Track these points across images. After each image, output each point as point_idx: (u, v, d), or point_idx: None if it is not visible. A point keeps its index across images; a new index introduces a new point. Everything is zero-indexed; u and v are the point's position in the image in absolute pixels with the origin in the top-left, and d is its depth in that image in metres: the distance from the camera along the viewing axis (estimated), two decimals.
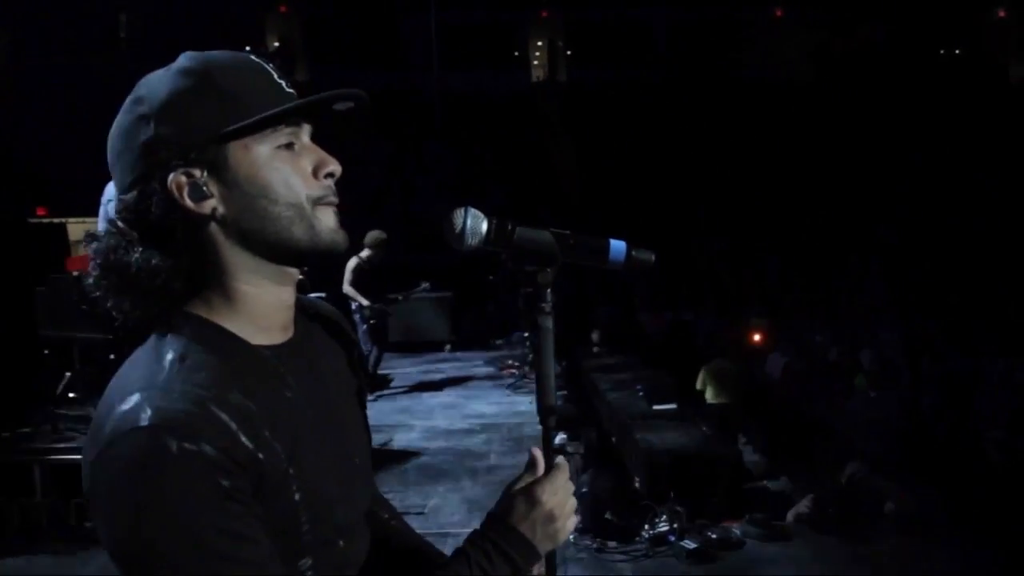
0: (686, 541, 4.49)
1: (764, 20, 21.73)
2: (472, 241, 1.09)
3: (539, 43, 22.86)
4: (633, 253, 1.13)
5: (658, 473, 5.57)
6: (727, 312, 11.94)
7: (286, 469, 0.98)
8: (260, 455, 0.95)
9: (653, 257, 1.15)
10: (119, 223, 1.02)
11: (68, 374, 5.86)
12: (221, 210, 1.01)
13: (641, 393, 7.33)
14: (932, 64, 20.84)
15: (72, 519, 4.97)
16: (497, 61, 21.61)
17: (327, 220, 1.05)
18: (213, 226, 1.02)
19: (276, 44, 20.72)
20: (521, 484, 1.13)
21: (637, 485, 5.90)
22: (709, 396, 7.97)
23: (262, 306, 1.06)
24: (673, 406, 7.03)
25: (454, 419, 7.64)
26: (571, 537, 4.94)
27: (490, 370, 9.95)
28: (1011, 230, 12.42)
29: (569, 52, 22.82)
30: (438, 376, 9.64)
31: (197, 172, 1.00)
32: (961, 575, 4.29)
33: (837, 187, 15.63)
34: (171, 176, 0.99)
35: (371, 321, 7.92)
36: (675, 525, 4.58)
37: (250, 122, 1.00)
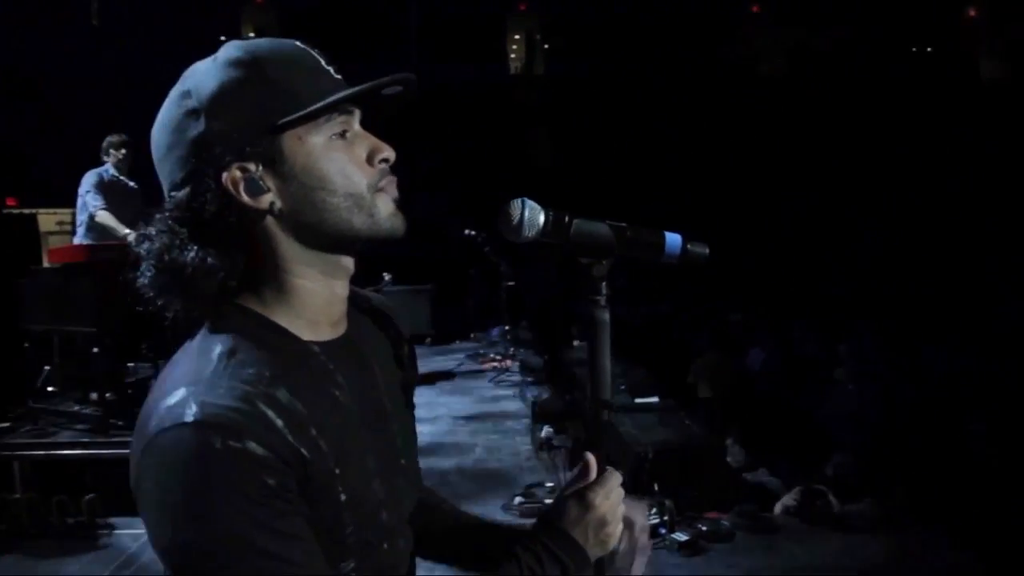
0: (677, 533, 4.51)
1: (741, 16, 21.85)
2: (529, 233, 1.07)
3: (516, 36, 22.82)
4: (689, 246, 1.13)
5: (640, 466, 5.60)
6: (704, 306, 12.03)
7: (332, 469, 0.96)
8: (306, 454, 0.93)
9: (707, 250, 1.14)
10: (170, 221, 0.99)
11: (47, 368, 5.77)
12: (278, 204, 1.00)
13: (623, 387, 7.35)
14: (906, 61, 21.08)
15: (54, 516, 4.89)
16: (476, 54, 21.55)
17: (386, 206, 1.04)
18: (269, 220, 1.00)
19: (251, 35, 20.50)
20: (574, 488, 1.12)
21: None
22: (702, 390, 7.97)
23: (315, 300, 1.04)
24: (655, 399, 7.06)
25: (438, 413, 7.62)
26: None
27: (472, 364, 9.94)
28: (983, 225, 12.62)
29: (547, 45, 22.81)
30: (420, 370, 9.59)
31: (252, 166, 0.98)
32: (946, 567, 4.35)
33: (813, 181, 15.79)
34: (226, 172, 0.97)
35: None
36: (666, 518, 4.60)
37: (305, 112, 0.97)
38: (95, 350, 5.20)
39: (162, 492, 0.88)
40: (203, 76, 0.99)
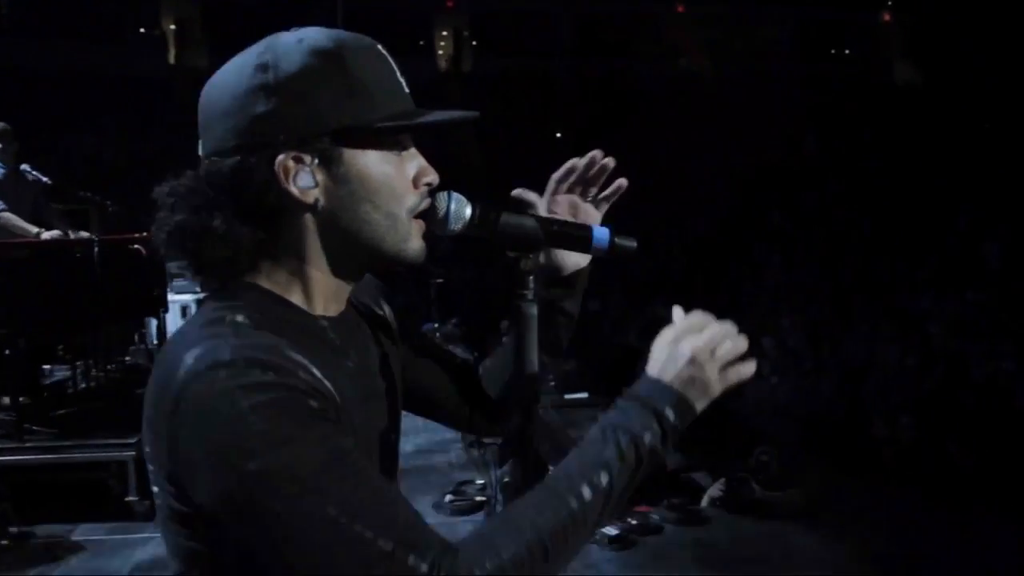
0: (607, 528, 4.55)
1: (666, 14, 22.20)
2: (455, 226, 1.06)
3: (444, 32, 22.73)
4: (616, 240, 1.12)
5: None
6: (634, 302, 12.17)
7: (353, 430, 0.97)
8: (336, 397, 0.94)
9: (635, 243, 1.14)
10: (204, 182, 0.97)
11: None
12: (322, 202, 0.98)
13: (552, 383, 7.39)
14: (826, 62, 21.73)
15: None
16: (403, 49, 21.35)
17: (417, 236, 1.04)
18: (307, 215, 0.99)
19: (172, 27, 19.90)
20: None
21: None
22: None
23: (325, 289, 1.04)
24: (584, 395, 7.11)
25: None
26: None
27: None
28: (898, 218, 13.06)
29: (474, 42, 22.78)
30: None
31: (307, 158, 0.96)
32: (868, 552, 4.49)
33: (734, 177, 16.13)
34: (280, 156, 0.95)
35: None
36: None
37: (382, 127, 0.97)
38: (7, 352, 4.99)
39: (210, 435, 0.85)
40: (285, 55, 0.96)
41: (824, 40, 22.56)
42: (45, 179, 5.74)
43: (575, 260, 1.28)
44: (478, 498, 5.15)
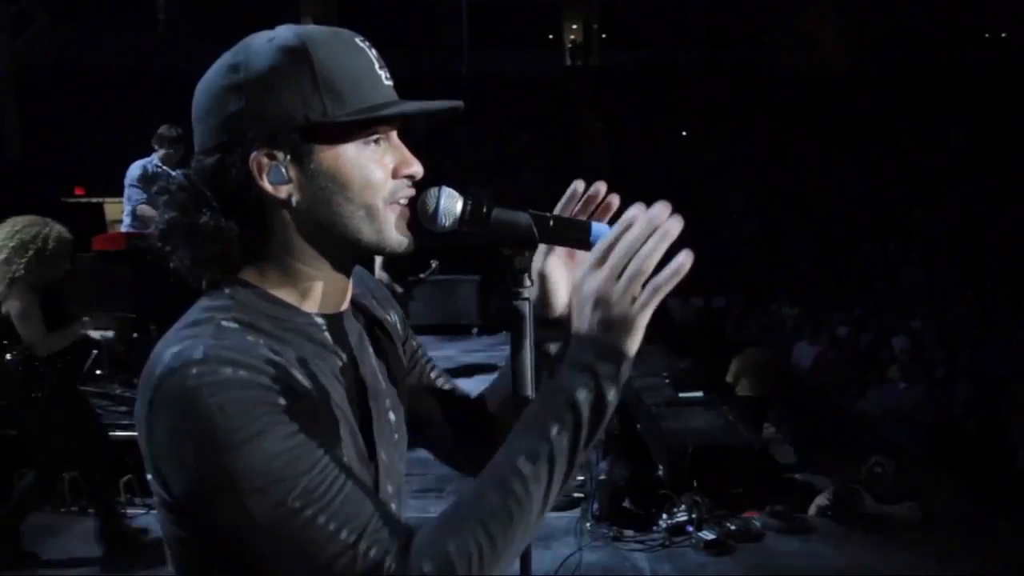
0: (704, 532, 4.42)
1: (799, 2, 21.31)
2: (446, 222, 1.04)
3: (574, 26, 22.65)
4: None
5: (680, 462, 5.50)
6: (758, 298, 11.78)
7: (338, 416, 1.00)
8: (315, 394, 0.96)
9: None
10: (194, 181, 1.00)
11: (95, 351, 5.92)
12: (296, 197, 1.00)
13: (667, 380, 7.24)
14: (976, 47, 20.30)
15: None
16: (531, 43, 21.44)
17: (396, 223, 1.04)
18: (284, 211, 1.01)
19: (311, 24, 20.72)
20: None
21: (660, 473, 5.84)
22: (742, 388, 7.75)
23: (318, 284, 1.06)
24: (699, 394, 6.92)
25: None
26: (588, 524, 4.88)
27: None
28: None
29: (604, 35, 22.59)
30: (466, 360, 9.56)
31: (280, 154, 0.99)
32: (977, 574, 4.18)
33: (874, 171, 15.34)
34: (253, 153, 0.98)
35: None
36: (694, 515, 4.51)
37: (341, 122, 0.98)
38: (135, 335, 5.33)
39: (179, 432, 0.89)
40: (254, 54, 1.00)
41: (974, 23, 21.02)
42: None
43: (565, 300, 1.15)
44: (576, 494, 5.11)
